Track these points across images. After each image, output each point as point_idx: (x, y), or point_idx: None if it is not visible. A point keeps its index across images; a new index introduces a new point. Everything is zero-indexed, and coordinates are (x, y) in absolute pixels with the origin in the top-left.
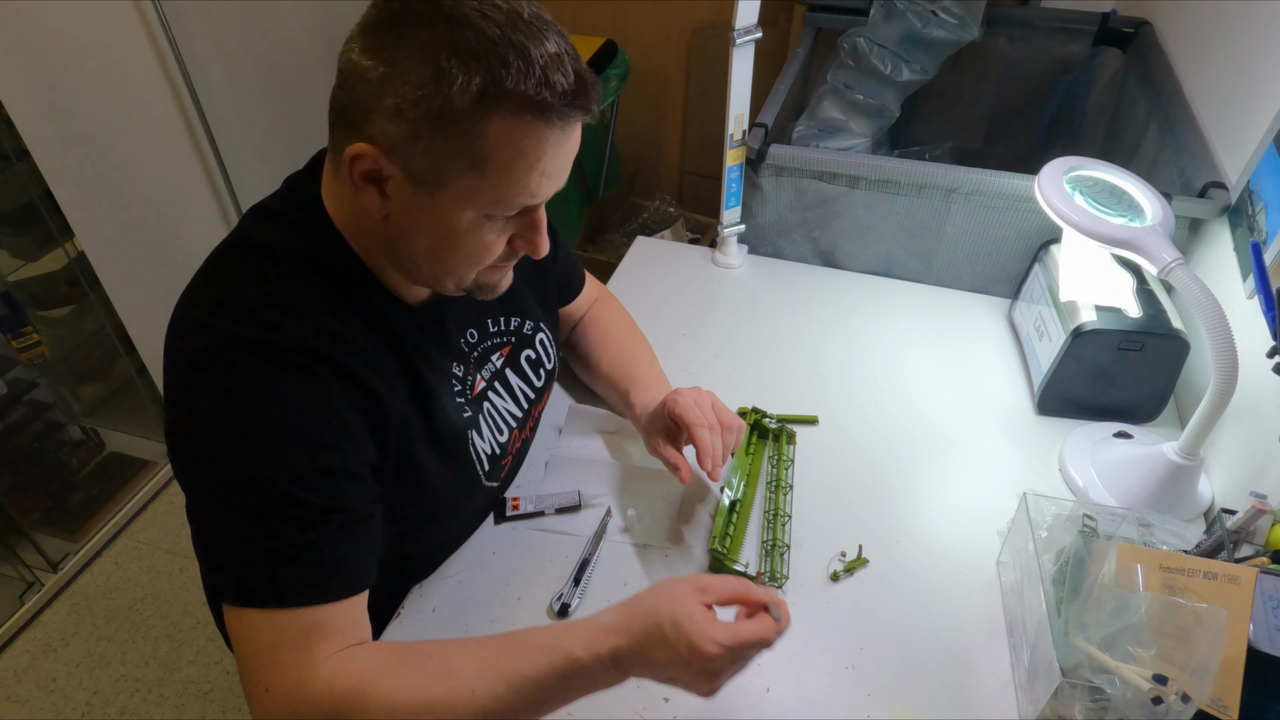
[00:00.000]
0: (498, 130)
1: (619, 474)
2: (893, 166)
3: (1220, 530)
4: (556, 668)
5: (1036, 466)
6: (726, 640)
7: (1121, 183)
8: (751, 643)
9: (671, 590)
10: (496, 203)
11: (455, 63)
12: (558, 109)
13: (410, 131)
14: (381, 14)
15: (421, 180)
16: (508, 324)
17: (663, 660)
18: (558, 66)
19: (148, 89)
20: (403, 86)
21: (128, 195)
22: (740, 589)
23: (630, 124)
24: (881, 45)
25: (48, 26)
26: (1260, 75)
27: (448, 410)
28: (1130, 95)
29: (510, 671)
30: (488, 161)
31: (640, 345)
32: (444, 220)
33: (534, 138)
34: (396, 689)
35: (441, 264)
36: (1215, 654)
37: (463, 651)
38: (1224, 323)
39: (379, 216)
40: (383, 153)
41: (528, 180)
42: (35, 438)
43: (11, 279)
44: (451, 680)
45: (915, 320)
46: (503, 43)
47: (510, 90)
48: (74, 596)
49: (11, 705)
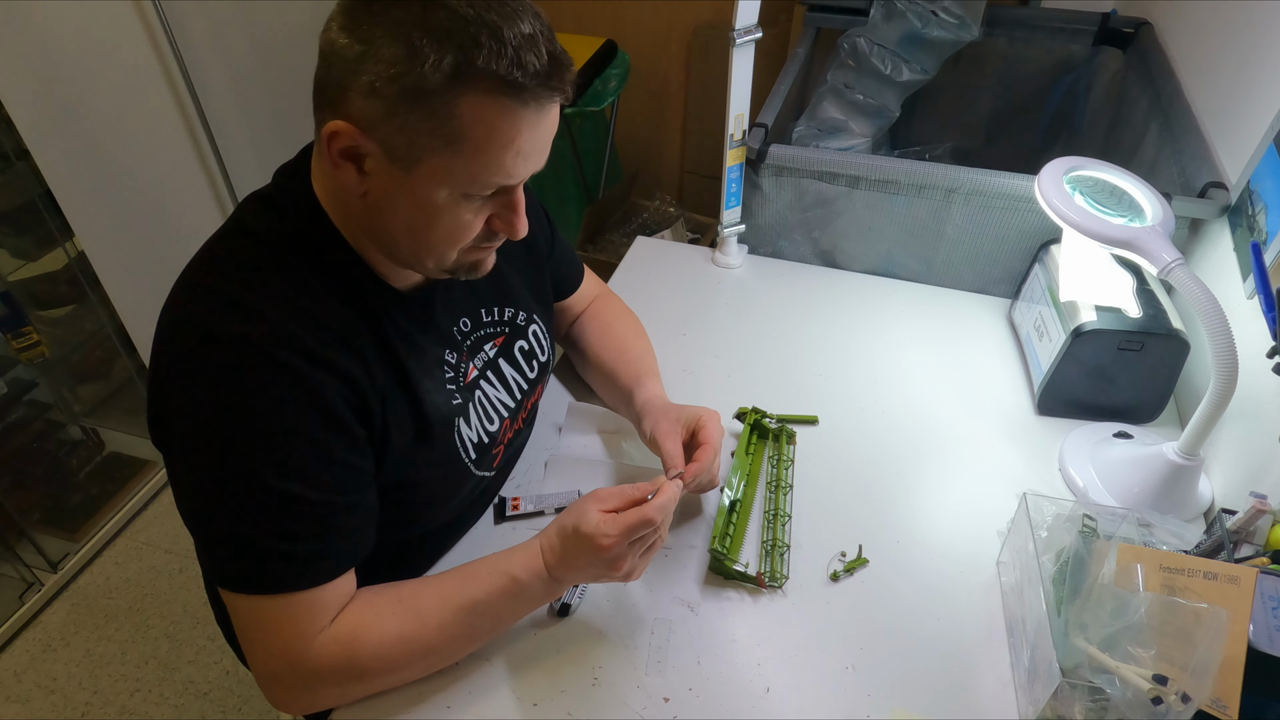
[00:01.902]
0: (471, 109)
1: (619, 474)
2: (893, 166)
3: (1220, 530)
4: (504, 589)
5: (1036, 466)
6: (613, 530)
7: (1121, 183)
8: (635, 525)
9: (576, 505)
10: (472, 181)
11: (428, 41)
12: (531, 89)
13: (385, 109)
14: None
15: (398, 157)
16: (501, 314)
17: (580, 563)
18: (531, 47)
19: (148, 89)
20: (377, 64)
21: (128, 195)
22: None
23: (630, 124)
24: (881, 45)
25: (48, 26)
26: (1260, 75)
27: (433, 395)
28: (1130, 95)
29: (467, 599)
30: (462, 140)
31: (642, 342)
32: (420, 197)
33: (507, 117)
34: (380, 636)
35: (420, 242)
36: (1215, 654)
37: (426, 589)
38: (1224, 323)
39: (358, 194)
40: (360, 130)
41: (502, 160)
42: (35, 438)
43: (11, 279)
44: (421, 618)
45: (915, 320)
46: (475, 22)
47: (482, 69)
48: (74, 596)
49: (11, 705)
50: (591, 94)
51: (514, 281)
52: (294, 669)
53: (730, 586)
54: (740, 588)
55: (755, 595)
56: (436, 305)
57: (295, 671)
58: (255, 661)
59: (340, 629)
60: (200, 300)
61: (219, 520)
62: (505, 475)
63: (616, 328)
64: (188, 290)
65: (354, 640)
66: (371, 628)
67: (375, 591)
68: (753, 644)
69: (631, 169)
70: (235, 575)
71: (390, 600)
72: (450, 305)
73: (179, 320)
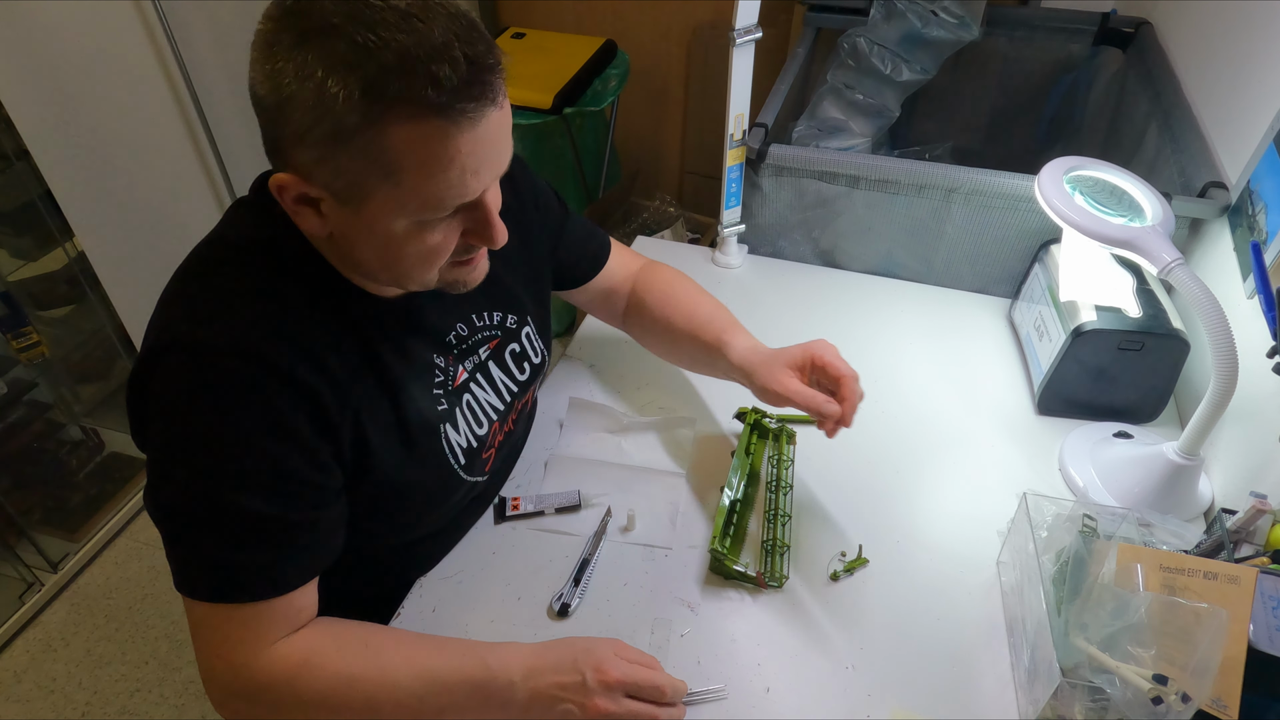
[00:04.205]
0: (398, 139)
1: (619, 474)
2: (893, 166)
3: (1220, 530)
4: (469, 674)
5: (1036, 466)
6: (628, 671)
7: (1121, 183)
8: (649, 685)
9: (591, 637)
10: (425, 208)
11: (333, 79)
12: (453, 106)
13: (316, 155)
14: (264, 39)
15: (346, 198)
16: (492, 318)
17: (563, 681)
18: (444, 58)
19: (148, 89)
20: (295, 111)
21: (128, 195)
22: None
23: (630, 124)
24: (881, 45)
25: (48, 26)
26: (1260, 75)
27: (418, 401)
28: (1130, 95)
29: (430, 668)
30: (400, 170)
31: (707, 298)
32: (380, 232)
33: (439, 139)
34: (334, 672)
35: (395, 269)
36: (1215, 654)
37: (397, 647)
38: (1224, 323)
39: (323, 235)
40: (302, 179)
41: (448, 181)
42: (35, 438)
43: (11, 279)
44: (381, 670)
45: (915, 320)
46: (378, 47)
47: (396, 98)
48: (74, 596)
49: (11, 705)
50: (591, 94)
51: (508, 284)
52: (235, 675)
53: (730, 586)
54: (740, 588)
55: (755, 595)
56: (427, 311)
57: (236, 678)
58: (200, 659)
59: (295, 651)
60: (172, 307)
61: (172, 525)
62: (502, 478)
63: (676, 293)
64: (165, 297)
65: (305, 666)
66: (328, 661)
67: (346, 626)
68: (753, 644)
69: (631, 169)
70: (185, 580)
71: (357, 641)
72: (444, 310)
73: (151, 326)
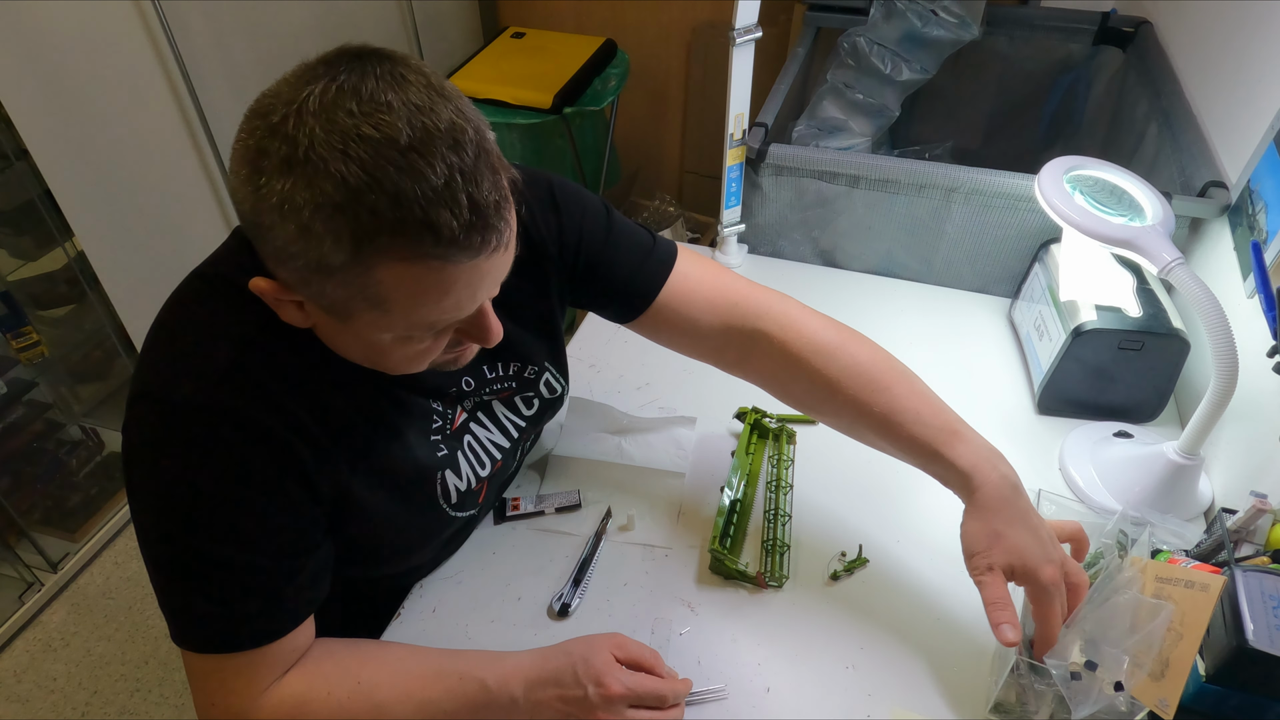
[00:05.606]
0: (389, 276)
1: (619, 474)
2: (893, 166)
3: (1220, 530)
4: (470, 698)
5: (1037, 466)
6: (630, 683)
7: (1121, 182)
8: (651, 694)
9: (589, 639)
10: (414, 329)
11: (319, 221)
12: (452, 251)
13: (299, 278)
14: (247, 151)
15: (331, 311)
16: (507, 369)
17: (565, 694)
18: (446, 201)
19: (148, 89)
20: (276, 238)
21: (128, 195)
22: (650, 657)
23: (630, 124)
24: (881, 45)
25: (47, 26)
26: (1260, 75)
27: (414, 450)
28: (1130, 95)
29: (428, 705)
30: (388, 302)
31: (910, 376)
32: (365, 340)
33: (434, 277)
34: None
35: (383, 366)
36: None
37: (390, 681)
38: (1224, 322)
39: (307, 326)
40: (284, 289)
41: (441, 309)
42: (35, 438)
43: (11, 279)
44: (376, 711)
45: (915, 320)
46: (370, 188)
47: (388, 244)
48: (74, 596)
49: (11, 705)
50: (591, 93)
51: (521, 337)
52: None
53: (730, 586)
54: (740, 588)
55: (755, 595)
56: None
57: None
58: (197, 709)
59: (288, 696)
60: (152, 348)
61: (158, 577)
62: (488, 506)
63: (864, 362)
64: (151, 330)
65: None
66: (320, 707)
67: (337, 664)
68: (753, 644)
69: (631, 169)
70: (178, 632)
71: (349, 681)
72: None
73: (136, 368)
